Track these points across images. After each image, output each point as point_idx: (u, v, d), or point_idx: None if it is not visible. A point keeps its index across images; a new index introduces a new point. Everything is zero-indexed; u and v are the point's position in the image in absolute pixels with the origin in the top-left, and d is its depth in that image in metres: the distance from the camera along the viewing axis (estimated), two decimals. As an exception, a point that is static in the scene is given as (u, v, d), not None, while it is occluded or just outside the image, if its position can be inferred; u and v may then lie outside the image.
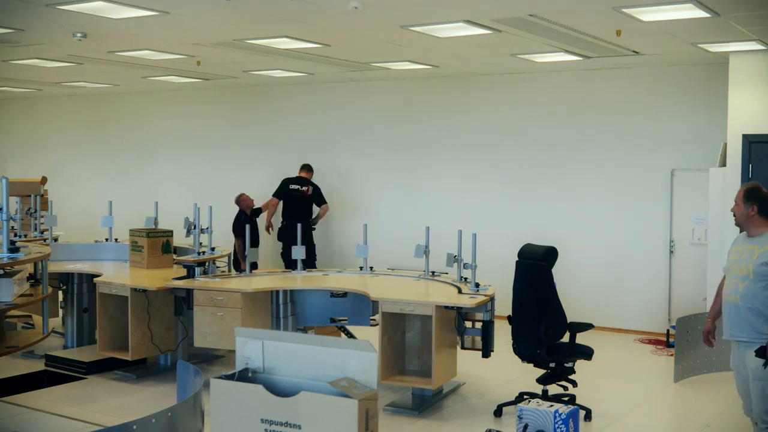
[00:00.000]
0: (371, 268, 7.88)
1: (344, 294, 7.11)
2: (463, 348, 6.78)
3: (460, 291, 6.62)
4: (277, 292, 7.10)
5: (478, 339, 6.62)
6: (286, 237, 10.58)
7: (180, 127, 13.10)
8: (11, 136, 15.48)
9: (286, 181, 10.86)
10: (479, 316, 6.49)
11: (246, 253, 7.57)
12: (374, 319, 6.66)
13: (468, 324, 6.58)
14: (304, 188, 10.76)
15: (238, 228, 10.82)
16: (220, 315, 6.70)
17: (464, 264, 6.69)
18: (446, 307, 6.24)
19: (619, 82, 9.53)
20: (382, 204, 11.19)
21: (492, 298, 6.50)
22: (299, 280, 7.32)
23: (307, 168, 11.03)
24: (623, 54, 8.32)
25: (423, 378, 6.32)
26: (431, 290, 6.84)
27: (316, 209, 10.94)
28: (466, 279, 6.66)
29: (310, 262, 10.25)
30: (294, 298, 7.25)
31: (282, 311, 7.13)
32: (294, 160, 11.79)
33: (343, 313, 7.17)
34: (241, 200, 10.90)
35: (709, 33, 7.18)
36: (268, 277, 7.43)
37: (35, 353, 7.77)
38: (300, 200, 10.76)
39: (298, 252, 7.64)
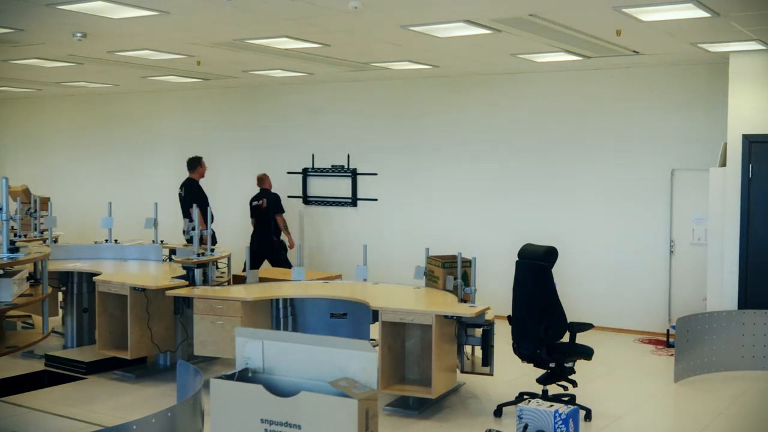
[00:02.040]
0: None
1: (344, 314, 7.11)
2: (462, 372, 6.78)
3: (460, 300, 6.61)
4: (278, 300, 7.10)
5: (479, 361, 6.63)
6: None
7: (180, 127, 13.10)
8: (11, 136, 15.48)
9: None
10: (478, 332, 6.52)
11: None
12: (374, 340, 6.65)
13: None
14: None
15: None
16: (219, 324, 6.70)
17: (465, 289, 6.67)
18: (446, 317, 6.22)
19: (619, 82, 9.52)
20: (381, 203, 11.18)
21: (492, 324, 6.49)
22: (299, 288, 7.31)
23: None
24: (623, 54, 8.32)
25: (423, 387, 6.29)
26: (431, 299, 6.80)
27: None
28: (465, 301, 6.65)
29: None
30: (294, 307, 7.25)
31: (282, 321, 7.13)
32: (294, 160, 11.81)
33: (342, 331, 7.14)
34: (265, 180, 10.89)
35: (709, 33, 7.17)
36: (269, 286, 7.42)
37: (35, 353, 7.77)
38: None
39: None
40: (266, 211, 10.65)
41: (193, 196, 9.72)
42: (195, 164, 10.29)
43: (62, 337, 8.33)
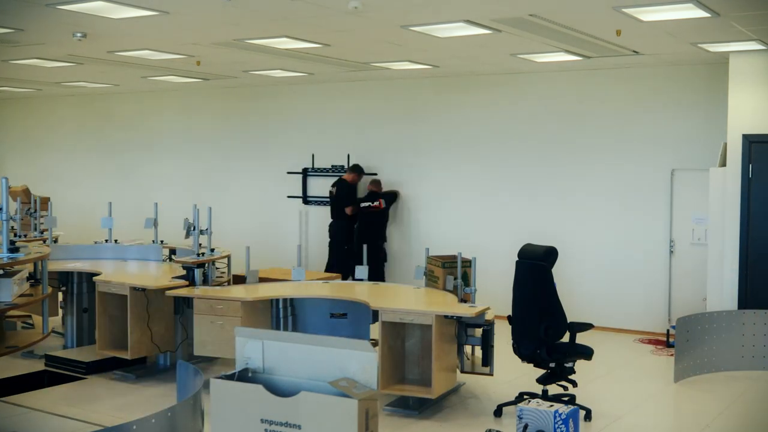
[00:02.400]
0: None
1: (344, 314, 7.11)
2: (462, 372, 6.78)
3: (460, 300, 6.60)
4: (278, 300, 7.09)
5: (479, 361, 6.63)
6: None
7: (180, 127, 13.10)
8: (11, 136, 15.48)
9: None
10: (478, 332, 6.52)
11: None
12: (374, 340, 6.65)
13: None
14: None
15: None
16: (219, 324, 6.69)
17: (465, 289, 6.67)
18: (446, 317, 6.22)
19: (619, 82, 9.52)
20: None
21: (492, 324, 6.48)
22: (299, 288, 7.30)
23: (355, 170, 10.70)
24: (623, 54, 8.32)
25: (423, 387, 6.28)
26: (431, 299, 6.80)
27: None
28: (465, 301, 6.64)
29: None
30: (294, 307, 7.24)
31: (282, 321, 7.13)
32: (294, 159, 11.81)
33: (342, 331, 7.13)
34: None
35: (709, 33, 7.17)
36: (269, 286, 7.42)
37: (35, 353, 7.77)
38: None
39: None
40: (383, 212, 10.33)
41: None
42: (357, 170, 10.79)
43: (62, 337, 8.33)
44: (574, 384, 6.30)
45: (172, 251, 8.70)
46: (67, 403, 6.48)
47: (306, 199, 11.76)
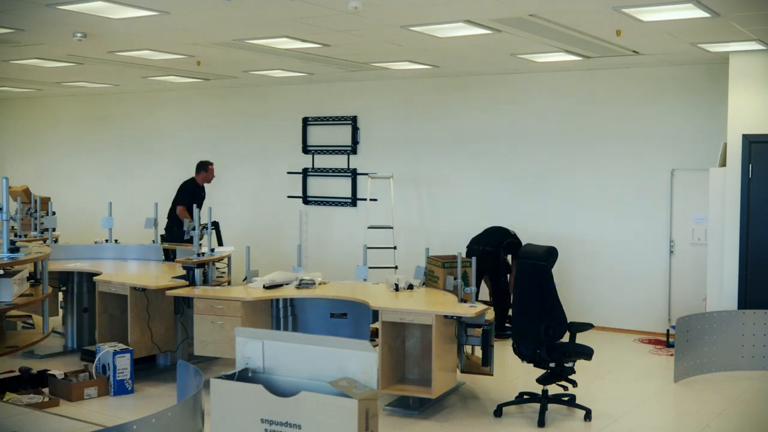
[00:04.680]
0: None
1: (344, 314, 7.11)
2: (462, 372, 6.77)
3: (460, 300, 6.60)
4: (278, 300, 7.10)
5: (479, 361, 6.62)
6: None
7: (180, 127, 13.10)
8: (11, 136, 15.48)
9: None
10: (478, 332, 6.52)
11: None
12: (374, 340, 6.65)
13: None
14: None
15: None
16: (220, 324, 6.70)
17: (465, 289, 6.66)
18: (446, 317, 6.22)
19: (619, 82, 9.52)
20: (381, 203, 11.17)
21: (492, 324, 6.48)
22: (299, 288, 7.29)
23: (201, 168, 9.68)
24: (623, 54, 8.32)
25: (423, 387, 6.28)
26: (431, 299, 6.79)
27: None
28: (465, 301, 6.64)
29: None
30: (294, 307, 7.24)
31: (282, 321, 7.13)
32: (294, 160, 11.81)
33: (342, 331, 7.13)
34: None
35: (709, 33, 7.17)
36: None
37: (35, 353, 7.77)
38: None
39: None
40: None
41: (181, 195, 9.64)
42: (199, 168, 9.85)
43: (62, 337, 8.33)
44: (574, 384, 6.30)
45: (173, 251, 8.70)
46: (67, 404, 6.48)
47: (306, 199, 11.77)
